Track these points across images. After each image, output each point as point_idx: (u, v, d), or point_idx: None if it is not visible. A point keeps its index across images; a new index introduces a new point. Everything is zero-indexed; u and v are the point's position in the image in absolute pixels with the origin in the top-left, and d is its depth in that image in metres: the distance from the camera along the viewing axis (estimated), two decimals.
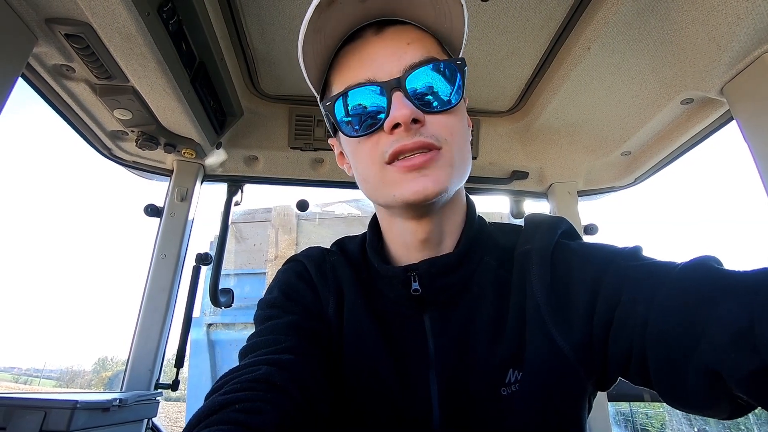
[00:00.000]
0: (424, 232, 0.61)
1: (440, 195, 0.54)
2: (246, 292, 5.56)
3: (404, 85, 0.54)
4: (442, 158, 0.55)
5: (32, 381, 40.73)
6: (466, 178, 0.61)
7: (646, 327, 0.47)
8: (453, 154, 0.56)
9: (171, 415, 12.38)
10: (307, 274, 0.68)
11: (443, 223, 0.62)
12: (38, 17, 0.93)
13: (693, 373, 0.43)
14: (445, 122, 0.56)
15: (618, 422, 10.64)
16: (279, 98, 1.58)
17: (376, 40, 0.57)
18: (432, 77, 0.55)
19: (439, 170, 0.54)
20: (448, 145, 0.55)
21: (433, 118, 0.55)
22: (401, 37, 0.57)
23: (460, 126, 0.58)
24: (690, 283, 0.46)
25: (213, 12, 1.11)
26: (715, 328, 0.41)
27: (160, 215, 1.53)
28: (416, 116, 0.53)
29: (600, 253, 0.57)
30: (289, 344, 0.55)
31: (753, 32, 0.89)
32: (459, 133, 0.57)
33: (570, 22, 1.16)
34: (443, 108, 0.56)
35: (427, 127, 0.55)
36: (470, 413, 0.56)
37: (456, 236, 0.63)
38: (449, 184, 0.55)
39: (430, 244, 0.62)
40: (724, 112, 1.24)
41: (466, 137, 0.60)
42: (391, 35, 0.57)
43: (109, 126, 1.36)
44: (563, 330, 0.55)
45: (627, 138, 1.50)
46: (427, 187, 0.53)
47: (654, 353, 0.46)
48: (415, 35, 0.58)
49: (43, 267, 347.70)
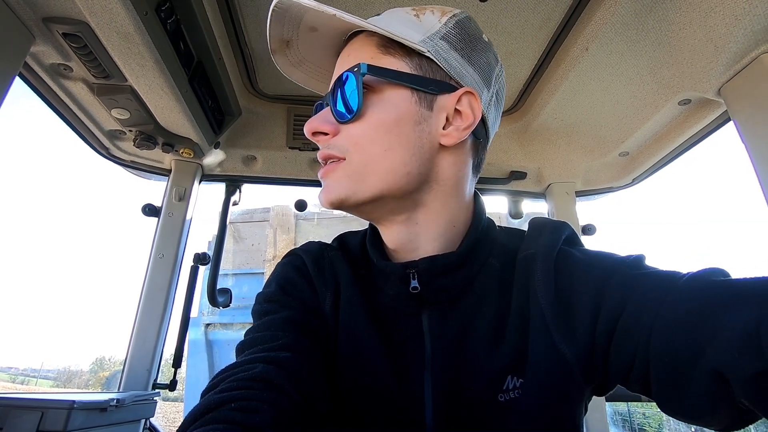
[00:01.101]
0: (392, 237, 0.62)
1: (340, 203, 0.57)
2: (244, 292, 5.55)
3: (327, 99, 0.59)
4: (341, 169, 0.57)
5: (29, 381, 40.60)
6: (386, 185, 0.56)
7: (651, 336, 0.47)
8: (354, 164, 0.56)
9: (169, 416, 12.35)
10: (304, 268, 0.67)
11: (414, 231, 0.61)
12: (35, 16, 0.92)
13: (697, 378, 0.42)
14: (350, 133, 0.57)
15: (615, 422, 10.67)
16: (277, 98, 1.58)
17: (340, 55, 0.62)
18: (338, 90, 0.57)
19: (336, 181, 0.57)
20: (350, 155, 0.56)
21: (344, 129, 0.57)
22: (347, 50, 0.60)
23: (364, 135, 0.56)
24: (696, 293, 0.46)
25: (211, 11, 1.11)
26: (722, 333, 0.41)
27: (158, 215, 1.53)
28: (317, 129, 0.58)
29: (603, 261, 0.57)
30: (287, 341, 0.54)
31: (750, 33, 0.90)
32: (364, 142, 0.56)
33: (568, 22, 1.16)
34: (344, 119, 0.57)
35: (338, 138, 0.57)
36: (464, 417, 0.55)
37: (438, 242, 0.61)
38: (349, 192, 0.56)
39: (404, 249, 0.62)
40: (722, 112, 1.24)
41: (380, 141, 0.55)
42: (346, 49, 0.61)
43: (107, 125, 1.36)
44: (567, 338, 0.54)
45: (625, 138, 1.50)
46: (324, 196, 0.58)
47: (658, 363, 0.46)
48: (356, 45, 0.60)
49: (41, 266, 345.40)
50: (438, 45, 0.57)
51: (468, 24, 0.61)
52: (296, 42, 0.62)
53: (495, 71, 0.63)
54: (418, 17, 0.59)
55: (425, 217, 0.60)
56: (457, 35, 0.59)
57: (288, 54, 0.64)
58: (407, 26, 0.58)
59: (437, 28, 0.58)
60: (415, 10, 0.60)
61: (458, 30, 0.59)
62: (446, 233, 0.61)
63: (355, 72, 0.55)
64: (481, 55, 0.61)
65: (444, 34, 0.58)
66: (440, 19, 0.59)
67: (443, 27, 0.59)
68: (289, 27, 0.60)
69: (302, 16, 0.58)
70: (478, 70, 0.60)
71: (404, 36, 0.56)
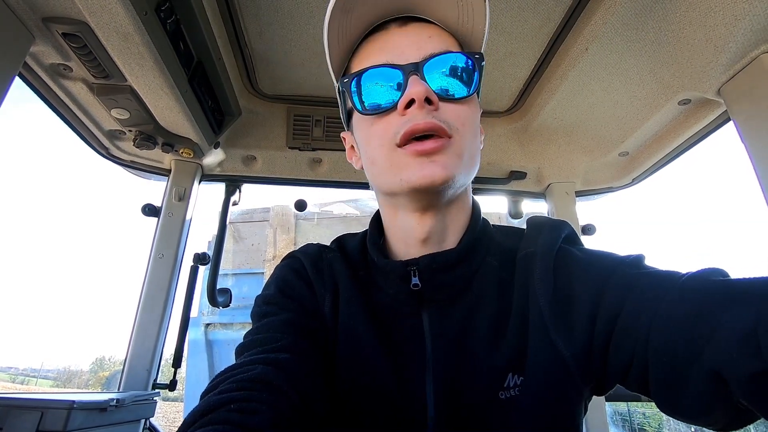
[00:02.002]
0: (426, 227, 0.60)
1: (447, 183, 0.54)
2: (244, 292, 5.55)
3: (422, 69, 0.55)
4: (451, 146, 0.55)
5: (29, 381, 40.61)
6: (473, 174, 0.61)
7: (649, 336, 0.47)
8: (463, 144, 0.56)
9: (168, 416, 12.36)
10: (303, 270, 0.67)
11: (447, 221, 0.61)
12: (35, 16, 0.92)
13: (695, 378, 0.42)
14: (458, 111, 0.56)
15: (615, 422, 10.67)
16: (277, 98, 1.58)
17: (399, 32, 0.60)
18: (449, 67, 0.57)
19: (448, 158, 0.54)
20: (459, 134, 0.56)
21: (446, 106, 0.56)
22: (423, 31, 0.60)
23: (472, 118, 0.59)
24: (695, 293, 0.46)
25: (211, 11, 1.11)
26: (721, 333, 0.41)
27: (158, 215, 1.53)
28: (430, 95, 0.54)
29: (603, 261, 0.57)
30: (286, 342, 0.54)
31: (750, 33, 0.90)
32: (470, 125, 0.58)
33: (568, 22, 1.16)
34: (458, 97, 0.57)
35: (440, 112, 0.55)
36: (466, 416, 0.55)
37: (459, 236, 0.62)
38: (457, 173, 0.55)
39: (431, 241, 0.61)
40: (722, 112, 1.24)
41: (477, 131, 0.61)
42: (414, 29, 0.60)
43: (107, 125, 1.36)
44: (565, 337, 0.54)
45: (625, 138, 1.50)
46: (435, 172, 0.53)
47: (656, 362, 0.46)
48: (436, 31, 0.60)
49: (42, 266, 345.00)
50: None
51: None
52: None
53: None
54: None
55: (457, 210, 0.62)
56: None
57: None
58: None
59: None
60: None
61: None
62: (461, 229, 0.63)
63: (477, 58, 0.58)
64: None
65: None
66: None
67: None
68: None
69: None
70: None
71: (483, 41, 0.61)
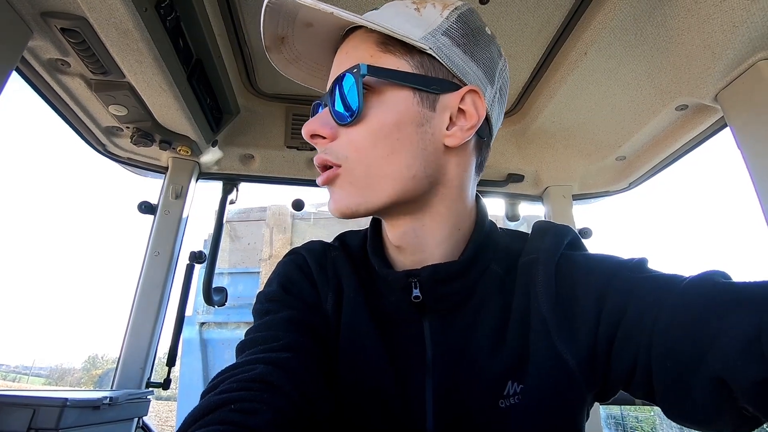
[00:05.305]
0: (396, 236, 0.60)
1: (346, 214, 0.55)
2: (240, 291, 5.52)
3: (325, 99, 0.56)
4: (342, 176, 0.54)
5: (21, 378, 40.28)
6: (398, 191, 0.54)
7: (652, 340, 0.46)
8: (356, 170, 0.54)
9: (161, 414, 12.29)
10: (307, 267, 0.65)
11: (420, 233, 0.59)
12: (33, 11, 0.92)
13: (698, 384, 0.42)
14: (351, 137, 0.54)
15: (609, 425, 10.70)
16: (276, 97, 1.58)
17: (338, 52, 0.59)
18: (338, 91, 0.54)
19: (341, 188, 0.55)
20: (349, 161, 0.54)
21: (344, 132, 0.54)
22: (345, 47, 0.58)
23: (369, 139, 0.53)
24: (697, 296, 0.45)
25: (211, 9, 1.11)
26: (724, 339, 0.40)
27: (154, 212, 1.52)
28: (316, 131, 0.55)
29: (605, 265, 0.56)
30: (287, 341, 0.53)
31: (747, 40, 0.91)
32: (366, 147, 0.53)
33: (567, 26, 1.17)
34: (344, 121, 0.54)
35: (337, 142, 0.55)
36: (465, 424, 0.54)
37: (450, 245, 0.60)
38: (353, 201, 0.54)
39: (406, 251, 0.60)
40: (718, 118, 1.25)
41: (384, 148, 0.53)
42: (344, 45, 0.58)
43: (104, 122, 1.35)
44: (568, 343, 0.53)
45: (622, 143, 1.51)
46: (331, 206, 0.56)
47: (660, 367, 0.45)
48: (355, 42, 0.57)
49: (34, 263, 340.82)
50: (440, 41, 0.54)
51: (470, 17, 0.58)
52: (291, 38, 0.60)
53: (498, 66, 0.60)
54: (419, 11, 0.56)
55: (431, 219, 0.59)
56: (459, 30, 0.56)
57: (283, 50, 0.62)
58: (407, 21, 0.55)
59: (439, 23, 0.55)
60: (416, 3, 0.57)
61: (460, 24, 0.56)
62: (451, 237, 0.60)
63: (355, 73, 0.52)
64: (485, 50, 0.58)
65: (446, 29, 0.55)
66: (442, 12, 0.56)
67: (445, 21, 0.55)
68: (283, 23, 0.57)
69: (297, 11, 0.55)
70: (482, 66, 0.57)
71: (405, 33, 0.53)
